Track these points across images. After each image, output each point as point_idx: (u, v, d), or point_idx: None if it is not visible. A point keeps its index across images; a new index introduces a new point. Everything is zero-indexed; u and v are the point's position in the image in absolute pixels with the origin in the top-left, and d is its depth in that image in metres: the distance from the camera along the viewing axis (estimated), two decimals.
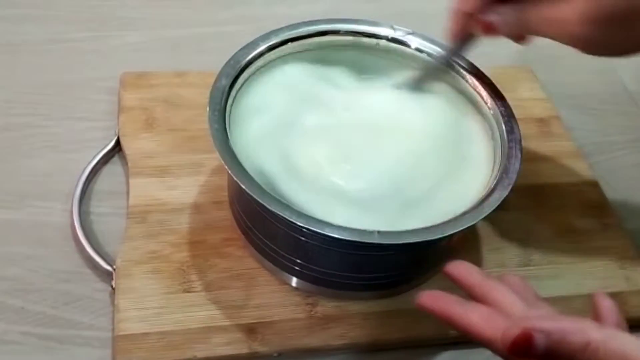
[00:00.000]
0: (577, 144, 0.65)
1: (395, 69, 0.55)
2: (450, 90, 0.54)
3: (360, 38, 0.54)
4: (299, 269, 0.49)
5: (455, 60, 0.53)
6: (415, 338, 0.50)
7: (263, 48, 0.51)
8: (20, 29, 0.68)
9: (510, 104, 0.51)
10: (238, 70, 0.50)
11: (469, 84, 0.53)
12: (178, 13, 0.73)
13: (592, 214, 0.59)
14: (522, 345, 0.34)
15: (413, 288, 0.52)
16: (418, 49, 0.54)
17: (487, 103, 0.52)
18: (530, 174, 0.61)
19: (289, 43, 0.53)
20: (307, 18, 0.54)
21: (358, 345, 0.49)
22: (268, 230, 0.48)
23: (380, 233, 0.42)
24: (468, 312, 0.37)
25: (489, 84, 0.52)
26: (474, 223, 0.44)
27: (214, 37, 0.70)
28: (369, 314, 0.50)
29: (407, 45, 0.54)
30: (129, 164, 0.56)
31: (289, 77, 0.53)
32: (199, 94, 0.59)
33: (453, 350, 0.51)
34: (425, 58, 0.54)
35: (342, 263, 0.48)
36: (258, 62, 0.51)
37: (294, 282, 0.50)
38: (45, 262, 0.51)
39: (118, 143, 0.58)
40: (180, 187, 0.55)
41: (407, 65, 0.54)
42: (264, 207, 0.42)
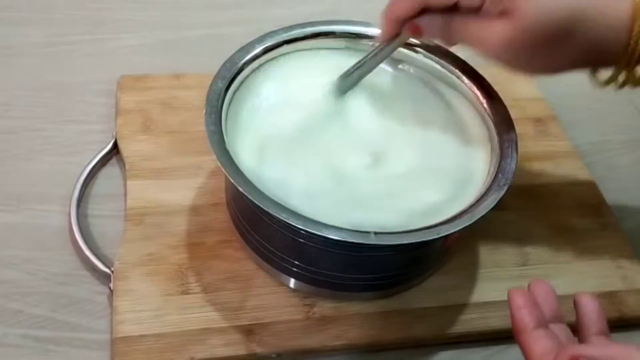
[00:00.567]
0: (573, 144, 0.65)
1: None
2: (447, 91, 0.54)
3: (356, 39, 0.54)
4: (297, 271, 0.49)
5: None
6: (413, 338, 0.50)
7: (259, 50, 0.52)
8: (18, 32, 0.68)
9: (507, 104, 0.52)
10: (234, 72, 0.50)
11: (465, 84, 0.53)
12: (175, 16, 0.73)
13: (588, 214, 0.60)
14: None
15: (410, 288, 0.52)
16: (413, 50, 0.54)
17: (483, 103, 0.52)
18: (527, 174, 0.61)
19: (285, 45, 0.53)
20: (304, 20, 0.54)
21: (356, 346, 0.50)
22: (265, 232, 0.49)
23: (377, 234, 0.42)
24: (534, 337, 0.38)
25: (485, 84, 0.52)
26: (471, 223, 0.44)
27: (211, 39, 0.71)
28: (367, 315, 0.50)
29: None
30: (127, 167, 0.56)
31: (284, 79, 0.53)
32: (196, 96, 0.60)
33: (451, 350, 0.51)
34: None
35: (339, 264, 0.48)
36: (254, 63, 0.51)
37: (292, 283, 0.51)
38: (44, 264, 0.51)
39: (116, 145, 0.58)
40: (178, 189, 0.55)
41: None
42: (261, 209, 0.42)
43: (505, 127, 0.50)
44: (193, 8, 0.75)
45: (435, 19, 0.46)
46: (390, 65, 0.55)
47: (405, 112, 0.53)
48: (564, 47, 0.44)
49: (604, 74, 0.47)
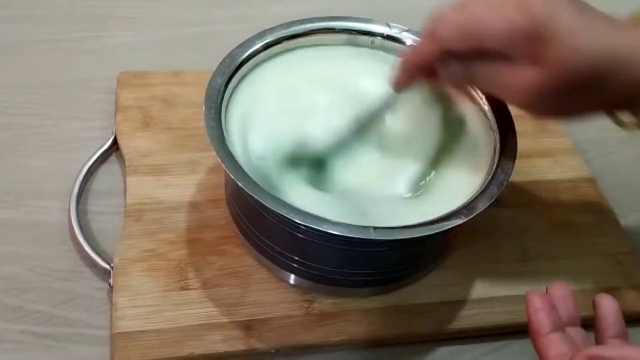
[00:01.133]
0: (573, 140, 0.65)
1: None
2: (447, 87, 0.54)
3: (356, 36, 0.55)
4: (296, 266, 0.49)
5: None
6: (412, 334, 0.50)
7: (258, 46, 0.52)
8: (17, 29, 0.68)
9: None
10: (234, 69, 0.50)
11: None
12: (174, 13, 0.73)
13: (588, 210, 0.60)
14: None
15: (410, 284, 0.52)
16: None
17: (482, 99, 0.52)
18: (527, 170, 0.61)
19: (285, 41, 0.53)
20: (303, 16, 0.54)
21: (356, 342, 0.50)
22: (265, 228, 0.49)
23: (376, 229, 0.42)
24: (550, 340, 0.38)
25: None
26: (470, 219, 0.44)
27: (210, 36, 0.71)
28: (366, 311, 0.50)
29: (402, 43, 0.54)
30: (126, 163, 0.56)
31: (284, 75, 0.53)
32: (196, 93, 0.60)
33: (450, 346, 0.51)
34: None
35: (339, 259, 0.48)
36: (253, 60, 0.51)
37: (292, 279, 0.51)
38: (43, 261, 0.51)
39: (115, 142, 0.58)
40: (177, 185, 0.55)
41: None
42: (261, 204, 0.42)
43: (505, 123, 0.50)
44: (192, 5, 0.75)
45: (454, 66, 0.44)
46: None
47: (404, 107, 0.52)
48: (595, 91, 0.41)
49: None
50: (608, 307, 0.41)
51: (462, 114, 0.53)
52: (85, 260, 0.51)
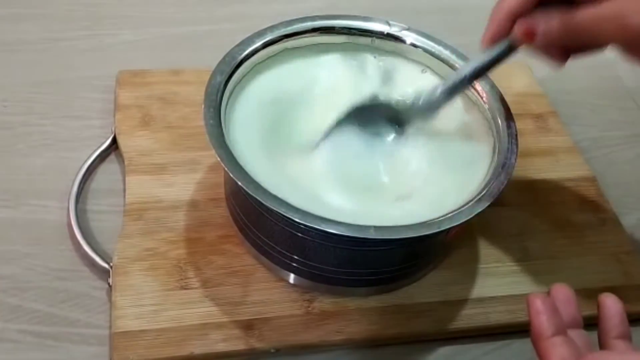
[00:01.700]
0: (573, 140, 0.65)
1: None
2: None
3: (356, 34, 0.54)
4: (296, 266, 0.49)
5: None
6: (413, 333, 0.50)
7: (258, 45, 0.51)
8: (16, 28, 0.68)
9: (507, 100, 0.51)
10: (233, 67, 0.50)
11: None
12: (174, 11, 0.73)
13: (589, 209, 0.60)
14: None
15: (410, 283, 0.52)
16: (413, 45, 0.54)
17: (483, 98, 0.52)
18: (527, 170, 0.61)
19: (284, 40, 0.53)
20: (302, 15, 0.54)
21: (355, 341, 0.49)
22: (265, 227, 0.48)
23: (376, 228, 0.42)
24: (552, 344, 0.38)
25: (486, 79, 0.52)
26: (471, 218, 0.44)
27: (210, 34, 0.70)
28: (367, 310, 0.50)
29: (402, 41, 0.54)
30: (126, 162, 0.56)
31: (283, 74, 0.53)
32: (195, 92, 0.60)
33: (450, 346, 0.51)
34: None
35: (339, 259, 0.48)
36: (253, 58, 0.51)
37: (292, 278, 0.50)
38: (42, 260, 0.51)
39: (114, 141, 0.58)
40: (177, 184, 0.55)
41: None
42: (261, 203, 0.42)
43: (506, 122, 0.50)
44: (191, 4, 0.74)
45: (552, 15, 0.40)
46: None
47: None
48: None
49: None
50: (612, 308, 0.41)
51: (462, 113, 0.53)
52: (85, 260, 0.51)
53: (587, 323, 0.42)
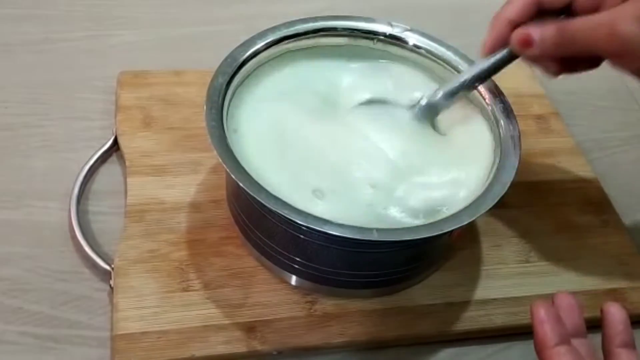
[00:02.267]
0: (576, 141, 0.65)
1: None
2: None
3: (358, 35, 0.54)
4: (298, 267, 0.49)
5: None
6: (415, 336, 0.50)
7: (260, 46, 0.51)
8: (18, 29, 0.68)
9: (509, 101, 0.51)
10: (235, 68, 0.49)
11: None
12: (175, 12, 0.73)
13: (591, 211, 0.59)
14: None
15: (412, 285, 0.52)
16: (416, 46, 0.54)
17: (485, 99, 0.51)
18: (529, 171, 0.61)
19: (286, 41, 0.52)
20: (304, 16, 0.54)
21: (357, 343, 0.49)
22: (267, 228, 0.48)
23: (379, 230, 0.42)
24: (556, 354, 0.38)
25: (488, 80, 0.52)
26: (473, 220, 0.44)
27: (211, 35, 0.70)
28: (368, 312, 0.50)
29: (404, 42, 0.54)
30: (127, 163, 0.56)
31: (286, 75, 0.53)
32: (197, 93, 0.60)
33: (453, 348, 0.51)
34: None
35: (341, 261, 0.48)
36: (255, 59, 0.51)
37: (293, 280, 0.50)
38: (43, 261, 0.51)
39: (116, 142, 0.58)
40: (178, 185, 0.55)
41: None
42: (262, 205, 0.42)
43: (508, 123, 0.50)
44: (192, 4, 0.74)
45: (549, 25, 0.43)
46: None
47: None
48: None
49: None
50: (616, 315, 0.41)
51: (464, 114, 0.53)
52: (86, 261, 0.51)
53: (590, 325, 0.42)
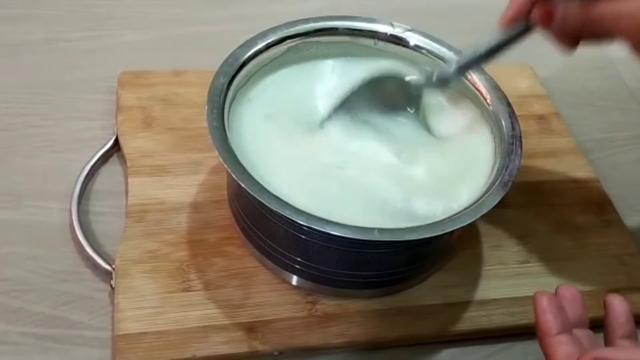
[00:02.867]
0: (577, 141, 0.65)
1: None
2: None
3: (359, 35, 0.54)
4: (299, 267, 0.49)
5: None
6: (416, 336, 0.50)
7: (261, 46, 0.51)
8: (18, 29, 0.68)
9: (510, 101, 0.51)
10: (236, 69, 0.49)
11: (469, 81, 0.53)
12: (175, 12, 0.73)
13: (592, 211, 0.59)
14: None
15: (413, 286, 0.52)
16: (417, 46, 0.54)
17: (486, 99, 0.51)
18: (530, 171, 0.61)
19: (287, 41, 0.52)
20: (304, 16, 0.54)
21: (358, 344, 0.49)
22: (267, 229, 0.48)
23: (380, 231, 0.42)
24: (557, 342, 0.38)
25: (489, 81, 0.52)
26: (474, 220, 0.44)
27: (212, 35, 0.70)
28: (369, 312, 0.50)
29: (405, 42, 0.54)
30: (128, 163, 0.56)
31: (286, 75, 0.53)
32: (197, 93, 0.60)
33: (453, 348, 0.51)
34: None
35: (342, 261, 0.48)
36: (256, 60, 0.51)
37: (294, 280, 0.50)
38: (44, 262, 0.51)
39: (116, 142, 0.58)
40: (179, 186, 0.55)
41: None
42: (264, 205, 0.42)
43: (509, 124, 0.50)
44: (193, 4, 0.74)
45: (573, 5, 0.41)
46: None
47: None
48: None
49: None
50: (619, 307, 0.41)
51: (465, 115, 0.53)
52: (87, 262, 0.51)
53: (591, 325, 0.42)
